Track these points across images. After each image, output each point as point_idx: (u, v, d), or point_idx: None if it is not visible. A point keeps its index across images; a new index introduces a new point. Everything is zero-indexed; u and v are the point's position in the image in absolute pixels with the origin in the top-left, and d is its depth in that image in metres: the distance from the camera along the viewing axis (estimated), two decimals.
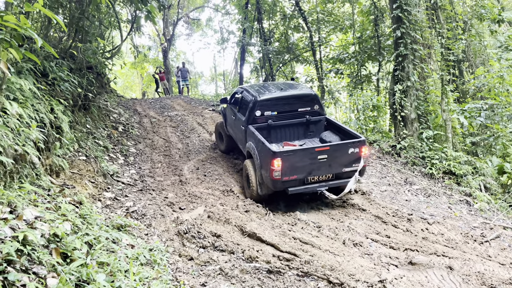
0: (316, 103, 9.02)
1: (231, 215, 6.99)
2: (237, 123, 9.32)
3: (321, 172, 7.45)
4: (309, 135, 9.09)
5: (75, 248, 3.86)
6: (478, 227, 7.44)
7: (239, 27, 24.45)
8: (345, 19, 20.29)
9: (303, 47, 21.63)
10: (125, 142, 11.21)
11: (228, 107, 10.38)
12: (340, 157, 7.48)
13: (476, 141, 11.76)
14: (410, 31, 10.59)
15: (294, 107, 8.87)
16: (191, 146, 11.89)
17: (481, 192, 9.30)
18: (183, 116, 15.92)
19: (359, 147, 7.52)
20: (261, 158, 7.58)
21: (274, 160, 7.02)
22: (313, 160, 7.28)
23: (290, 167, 7.13)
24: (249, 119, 8.61)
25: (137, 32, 20.79)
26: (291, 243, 6.06)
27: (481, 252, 6.33)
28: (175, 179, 9.21)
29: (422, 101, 11.00)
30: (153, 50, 36.74)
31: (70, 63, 8.93)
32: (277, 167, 7.03)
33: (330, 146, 7.45)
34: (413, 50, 10.76)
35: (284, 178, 7.15)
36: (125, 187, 8.21)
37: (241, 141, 9.16)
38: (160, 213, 7.04)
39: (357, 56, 16.69)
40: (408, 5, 10.52)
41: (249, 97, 8.97)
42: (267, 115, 8.68)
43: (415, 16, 10.71)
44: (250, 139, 8.34)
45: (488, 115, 12.19)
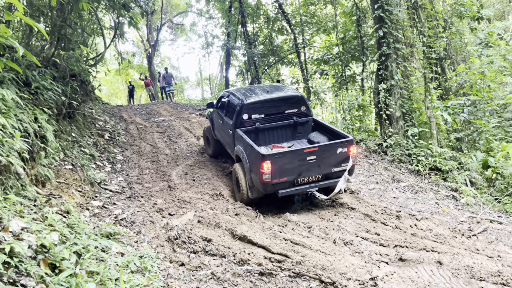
0: (302, 104, 9.03)
1: (221, 219, 6.97)
2: (225, 127, 9.28)
3: (311, 173, 7.45)
4: (297, 136, 9.09)
5: (63, 258, 3.80)
6: (465, 221, 7.55)
7: (223, 31, 24.48)
8: (328, 21, 20.46)
9: (287, 49, 21.73)
10: (112, 150, 11.11)
11: (215, 112, 10.35)
12: (329, 157, 7.49)
13: (460, 136, 11.96)
14: (392, 31, 10.73)
15: (281, 109, 8.88)
16: (179, 151, 11.84)
17: (467, 187, 9.45)
18: (169, 122, 15.86)
19: (347, 147, 7.55)
20: (250, 162, 7.56)
21: (264, 163, 7.00)
22: (302, 161, 7.28)
23: (279, 169, 7.12)
24: (237, 123, 8.58)
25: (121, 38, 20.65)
26: (282, 245, 6.06)
27: (469, 246, 6.42)
28: (164, 185, 9.16)
29: (406, 99, 11.14)
30: (138, 56, 36.56)
31: (53, 72, 8.84)
32: (266, 170, 7.01)
33: (319, 147, 7.45)
34: (396, 49, 10.90)
35: (274, 180, 7.13)
36: (113, 195, 8.14)
37: (229, 145, 9.13)
38: (149, 220, 6.99)
39: (341, 56, 16.83)
40: (389, 5, 10.66)
41: (235, 101, 8.95)
42: (254, 118, 8.67)
43: (396, 16, 10.85)
44: (238, 142, 8.31)
45: (471, 111, 12.40)
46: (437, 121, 10.82)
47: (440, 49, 11.96)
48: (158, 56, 36.96)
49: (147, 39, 32.58)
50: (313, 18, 20.06)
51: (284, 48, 22.05)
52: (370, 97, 15.07)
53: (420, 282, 5.15)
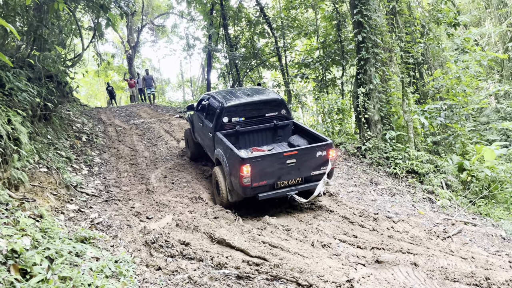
0: (283, 107, 9.04)
1: (200, 222, 6.92)
2: (205, 130, 9.23)
3: (290, 176, 7.46)
4: (277, 139, 9.09)
5: (34, 264, 3.72)
6: (440, 223, 7.70)
7: (205, 33, 24.42)
8: (309, 25, 20.62)
9: (269, 53, 21.81)
10: (89, 152, 10.92)
11: (195, 114, 10.30)
12: (308, 160, 7.51)
13: (437, 140, 12.20)
14: (371, 36, 10.89)
15: (261, 112, 8.86)
16: (158, 154, 11.72)
17: (442, 189, 9.64)
18: (149, 124, 15.70)
19: (327, 150, 7.59)
20: (230, 165, 7.51)
21: (243, 166, 6.97)
22: (282, 164, 7.27)
23: (259, 172, 7.09)
24: (217, 126, 8.54)
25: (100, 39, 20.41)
26: (260, 248, 6.06)
27: (444, 248, 6.54)
28: (142, 188, 9.05)
29: (384, 103, 11.32)
30: (118, 58, 36.12)
31: (28, 72, 8.65)
32: (246, 173, 6.98)
33: (298, 151, 7.45)
34: (375, 54, 11.06)
35: (253, 184, 7.10)
36: (89, 199, 7.99)
37: (209, 148, 9.08)
38: (126, 224, 6.89)
39: (322, 60, 16.98)
40: (368, 10, 10.82)
41: (216, 104, 8.90)
42: (234, 121, 8.63)
43: (375, 21, 11.02)
44: (218, 146, 8.26)
45: (447, 115, 12.68)
46: (414, 125, 11.02)
47: (417, 54, 12.18)
48: (138, 57, 36.60)
49: (128, 40, 32.23)
50: (294, 22, 20.19)
51: (266, 52, 22.12)
52: (350, 101, 15.25)
53: (396, 284, 5.22)
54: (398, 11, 11.08)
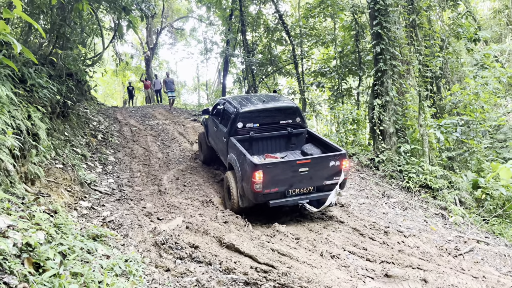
0: (297, 115, 9.01)
1: (210, 226, 6.95)
2: (219, 135, 9.24)
3: (302, 184, 7.40)
4: (291, 147, 9.06)
5: (48, 258, 3.78)
6: (452, 240, 7.59)
7: (223, 38, 24.61)
8: (327, 34, 20.64)
9: (285, 60, 21.87)
10: (104, 151, 11.07)
11: (210, 118, 10.35)
12: (321, 170, 7.44)
13: (452, 156, 12.06)
14: (389, 48, 10.85)
15: (276, 120, 8.86)
16: (171, 156, 11.82)
17: (456, 206, 9.51)
18: (164, 126, 15.85)
19: (340, 160, 7.51)
20: (242, 170, 7.50)
21: (256, 172, 6.95)
22: (295, 172, 7.22)
23: (271, 179, 7.06)
24: (231, 131, 8.55)
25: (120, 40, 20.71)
26: (269, 255, 6.06)
27: (455, 265, 6.45)
28: (154, 188, 9.13)
29: (400, 116, 11.24)
30: (136, 59, 36.60)
31: (49, 70, 8.82)
32: (258, 179, 6.95)
33: (312, 159, 7.42)
34: (392, 66, 11.02)
35: (265, 190, 7.06)
36: (102, 196, 8.10)
37: (222, 152, 9.08)
38: (137, 223, 6.95)
39: (338, 70, 16.96)
40: (387, 22, 10.79)
41: (231, 109, 8.93)
42: (249, 127, 8.63)
43: (394, 33, 10.99)
44: (231, 150, 8.26)
45: (464, 131, 12.53)
46: (429, 139, 10.92)
47: (436, 68, 12.10)
48: (156, 59, 37.03)
49: (146, 42, 32.66)
50: (312, 30, 20.23)
51: (282, 59, 22.18)
52: (365, 112, 15.19)
53: None
54: (418, 24, 11.03)
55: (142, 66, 36.26)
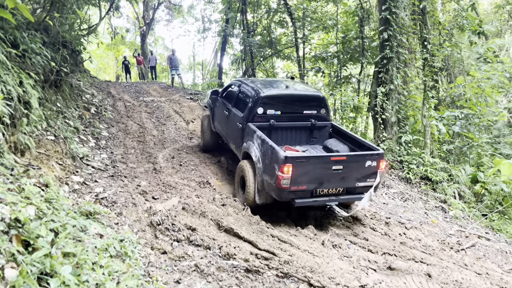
0: (323, 106, 8.15)
1: (207, 208, 6.68)
2: (232, 120, 8.38)
3: (333, 184, 6.58)
4: (312, 141, 8.22)
5: (38, 236, 3.47)
6: (454, 234, 7.45)
7: (222, 17, 23.98)
8: (328, 19, 20.18)
9: (285, 43, 21.41)
10: (97, 125, 10.67)
11: (219, 101, 9.43)
12: (356, 169, 6.61)
13: (450, 149, 11.90)
14: (397, 34, 10.53)
15: (299, 109, 7.99)
16: (166, 134, 11.47)
17: (455, 199, 9.37)
18: (159, 103, 15.44)
19: (378, 161, 6.67)
20: (265, 162, 6.66)
21: (285, 166, 6.13)
22: (327, 170, 6.40)
23: (301, 175, 6.25)
24: (249, 116, 7.67)
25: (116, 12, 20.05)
26: (269, 241, 5.82)
27: (458, 260, 6.31)
28: (149, 166, 8.81)
29: (403, 105, 10.99)
30: (131, 33, 35.71)
31: (43, 36, 8.35)
32: (286, 174, 6.14)
33: (347, 157, 6.56)
34: (398, 54, 10.72)
35: (292, 187, 6.26)
36: (95, 172, 7.75)
37: (234, 139, 8.27)
38: (132, 202, 6.64)
39: (340, 56, 16.60)
40: (396, 8, 10.45)
41: (250, 92, 8.03)
42: (269, 114, 7.75)
43: (402, 20, 10.66)
44: (249, 138, 7.40)
45: (463, 124, 12.35)
46: (432, 130, 10.71)
47: (439, 59, 11.83)
48: (152, 35, 36.18)
49: (143, 17, 31.81)
50: (314, 14, 19.75)
51: (282, 42, 21.71)
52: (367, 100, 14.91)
53: None
54: (428, 11, 10.70)
55: (137, 42, 35.41)
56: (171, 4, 33.93)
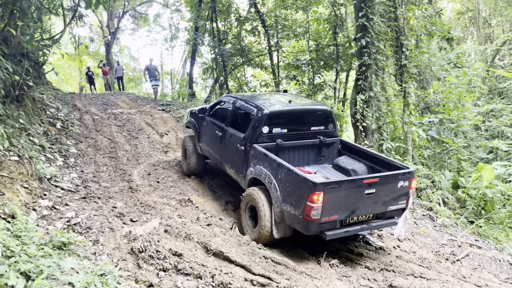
0: (331, 121, 7.41)
1: (192, 230, 6.19)
2: (229, 141, 7.45)
3: (365, 210, 5.84)
4: (320, 160, 7.43)
5: (7, 285, 2.92)
6: (446, 244, 7.29)
7: (190, 25, 23.46)
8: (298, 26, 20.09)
9: (256, 51, 21.16)
10: (65, 141, 9.94)
11: (207, 120, 8.41)
12: (389, 192, 5.91)
13: (429, 154, 11.90)
14: (375, 41, 10.43)
15: (306, 125, 7.23)
16: (140, 148, 10.86)
17: (440, 206, 9.27)
18: (129, 115, 14.73)
19: (410, 180, 6.02)
20: (285, 190, 5.81)
21: (315, 194, 5.25)
22: (359, 194, 5.66)
23: (332, 203, 5.42)
24: (253, 137, 6.79)
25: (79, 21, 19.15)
26: (262, 264, 5.40)
27: (456, 273, 6.11)
28: (124, 185, 8.20)
29: (382, 112, 10.88)
30: (95, 43, 34.53)
31: (3, 47, 7.65)
32: (317, 203, 5.28)
33: (380, 178, 5.81)
34: (376, 60, 10.62)
35: (323, 218, 5.41)
36: (65, 194, 7.10)
37: (233, 163, 7.35)
38: (108, 226, 6.06)
39: (314, 63, 16.47)
40: (373, 14, 10.36)
41: (250, 109, 7.15)
42: (275, 133, 6.89)
43: (379, 26, 10.58)
44: (257, 162, 6.53)
45: (439, 130, 12.41)
46: (413, 137, 10.64)
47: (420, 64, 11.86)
48: (117, 44, 35.15)
49: (107, 25, 30.80)
50: (285, 21, 19.61)
51: (253, 50, 21.44)
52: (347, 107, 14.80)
53: None
54: (405, 17, 10.67)
55: (101, 51, 34.28)
56: (137, 12, 33.11)
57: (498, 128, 14.26)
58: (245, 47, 20.07)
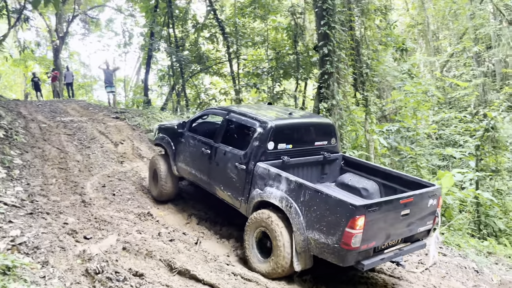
0: (333, 135, 6.83)
1: (153, 246, 5.72)
2: (222, 160, 6.53)
3: (399, 234, 5.28)
4: (322, 178, 6.81)
5: None
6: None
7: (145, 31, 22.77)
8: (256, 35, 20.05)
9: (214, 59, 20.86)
10: (8, 151, 9.08)
11: (187, 136, 7.45)
12: (420, 211, 5.38)
13: (390, 162, 12.07)
14: (337, 49, 10.45)
15: (310, 140, 6.59)
16: (93, 158, 10.15)
17: None
18: (80, 123, 13.87)
19: (438, 198, 5.59)
20: (311, 215, 5.05)
21: (356, 219, 4.57)
22: (396, 216, 5.09)
23: (372, 228, 4.77)
24: (257, 154, 5.98)
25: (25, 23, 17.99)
26: (232, 281, 5.05)
27: (426, 282, 6.06)
28: (76, 198, 7.54)
29: (344, 121, 10.90)
30: (42, 48, 32.79)
31: None
32: (358, 230, 4.59)
33: (414, 197, 5.22)
34: (338, 69, 10.64)
35: (362, 246, 4.73)
36: (8, 210, 6.36)
37: (228, 185, 6.41)
38: (59, 245, 5.45)
39: (274, 72, 16.41)
40: (335, 23, 10.39)
41: (249, 122, 6.35)
42: (280, 149, 6.15)
43: (340, 35, 10.63)
44: (268, 183, 5.68)
45: (397, 138, 12.66)
46: (374, 145, 10.72)
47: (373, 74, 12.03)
48: (66, 49, 33.53)
49: (56, 30, 29.27)
50: (244, 29, 19.50)
51: (211, 57, 21.12)
52: None
53: None
54: (366, 27, 10.81)
55: (48, 56, 32.58)
56: (87, 17, 31.78)
57: (451, 137, 14.81)
58: (203, 54, 19.72)
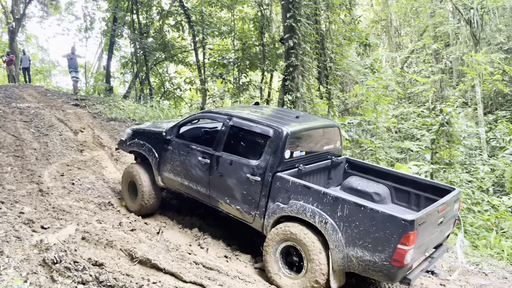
0: (338, 138, 6.55)
1: (114, 236, 5.65)
2: (227, 170, 5.86)
3: (434, 242, 5.11)
4: (328, 183, 6.44)
5: None
6: None
7: (108, 16, 22.09)
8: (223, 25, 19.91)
9: (179, 47, 20.56)
10: None
11: (176, 144, 6.55)
12: (448, 217, 5.20)
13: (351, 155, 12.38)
14: (302, 42, 10.58)
15: (320, 145, 6.24)
16: (51, 146, 9.83)
17: None
18: (37, 110, 13.36)
19: (459, 202, 5.48)
20: (352, 231, 4.60)
21: (409, 235, 4.19)
22: (435, 225, 4.87)
23: (419, 241, 4.46)
24: (274, 164, 5.39)
25: None
26: (193, 270, 5.09)
27: None
28: (33, 187, 7.31)
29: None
30: None
31: None
32: (411, 245, 4.25)
33: (447, 204, 4.98)
34: (303, 62, 10.79)
35: (412, 262, 4.52)
36: None
37: (237, 198, 5.75)
38: (14, 235, 5.28)
39: (240, 62, 16.38)
40: (301, 16, 10.50)
41: (260, 129, 5.67)
42: (295, 157, 5.68)
43: (306, 28, 10.76)
44: (293, 196, 5.15)
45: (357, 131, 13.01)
46: None
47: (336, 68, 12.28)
48: (23, 32, 31.99)
49: (12, 11, 27.82)
50: (210, 18, 19.31)
51: (176, 46, 20.79)
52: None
53: None
54: (331, 21, 10.98)
55: (4, 39, 30.97)
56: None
57: (410, 130, 15.37)
58: (168, 42, 19.38)
